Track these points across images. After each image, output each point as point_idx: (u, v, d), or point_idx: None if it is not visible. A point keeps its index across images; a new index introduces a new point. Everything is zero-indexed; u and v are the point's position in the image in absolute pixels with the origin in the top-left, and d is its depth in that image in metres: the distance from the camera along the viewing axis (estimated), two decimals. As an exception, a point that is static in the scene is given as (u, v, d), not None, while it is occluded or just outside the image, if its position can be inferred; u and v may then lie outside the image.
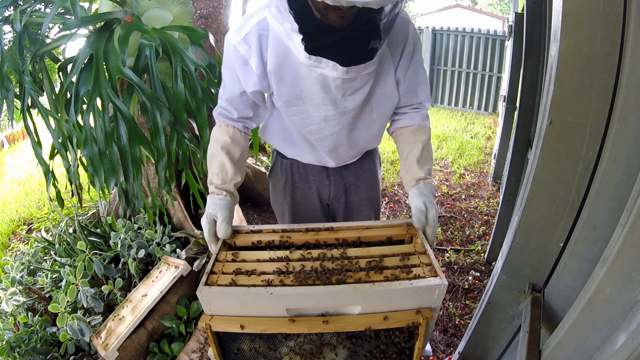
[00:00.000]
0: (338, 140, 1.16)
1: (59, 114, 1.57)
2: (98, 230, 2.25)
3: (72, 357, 1.66)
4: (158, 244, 2.02)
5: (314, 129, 1.12)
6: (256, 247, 1.07)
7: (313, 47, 0.91)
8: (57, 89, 1.71)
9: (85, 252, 1.92)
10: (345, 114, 1.09)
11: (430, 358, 1.77)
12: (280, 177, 1.33)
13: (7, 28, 1.70)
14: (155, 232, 2.04)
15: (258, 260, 0.97)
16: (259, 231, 1.10)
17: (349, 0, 0.72)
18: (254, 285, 0.88)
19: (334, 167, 1.28)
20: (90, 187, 1.79)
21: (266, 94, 1.13)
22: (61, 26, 1.67)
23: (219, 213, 1.02)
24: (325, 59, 0.93)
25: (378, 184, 1.39)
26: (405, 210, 3.16)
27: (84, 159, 1.60)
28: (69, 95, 1.51)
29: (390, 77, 1.08)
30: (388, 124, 1.23)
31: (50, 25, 1.79)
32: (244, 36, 0.99)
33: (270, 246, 1.06)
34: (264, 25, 0.98)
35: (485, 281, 2.27)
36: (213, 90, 1.64)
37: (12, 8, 1.59)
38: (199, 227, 2.18)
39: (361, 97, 1.06)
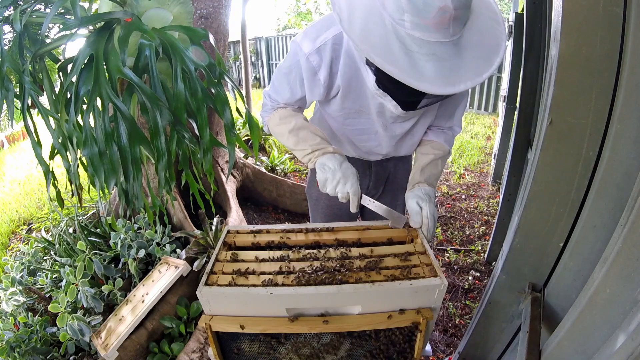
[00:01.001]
0: (382, 150, 1.23)
1: (59, 114, 1.57)
2: (98, 230, 2.25)
3: (72, 357, 1.65)
4: (158, 244, 2.02)
5: (364, 138, 1.19)
6: (256, 247, 1.07)
7: (382, 85, 0.94)
8: (57, 89, 1.70)
9: (85, 252, 1.92)
10: (393, 137, 1.17)
11: (430, 358, 1.76)
12: None
13: (7, 28, 1.70)
14: (155, 232, 2.03)
15: (258, 260, 0.97)
16: (259, 231, 1.10)
17: (452, 92, 0.77)
18: (254, 285, 0.88)
19: (376, 161, 1.33)
20: (90, 187, 1.79)
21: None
22: (61, 26, 1.67)
23: (354, 170, 1.03)
24: (389, 97, 0.96)
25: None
26: (405, 210, 3.16)
27: (84, 159, 1.60)
28: (69, 95, 1.50)
29: (435, 108, 1.13)
30: None
31: (50, 25, 1.79)
32: (318, 47, 0.99)
33: (270, 246, 1.06)
34: (340, 40, 0.99)
35: (485, 281, 2.27)
36: (213, 91, 1.64)
37: (12, 8, 1.59)
38: (199, 227, 2.18)
39: (409, 125, 1.13)
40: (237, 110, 2.09)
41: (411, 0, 0.74)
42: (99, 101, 1.45)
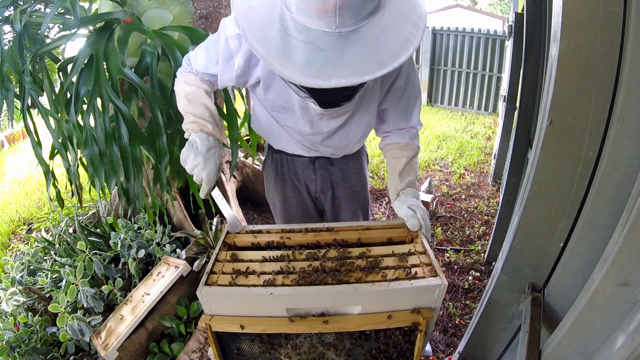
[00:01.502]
0: (314, 145, 1.21)
1: (59, 114, 1.57)
2: (98, 230, 2.25)
3: (72, 357, 1.65)
4: (158, 244, 2.02)
5: (294, 130, 1.16)
6: (256, 247, 1.07)
7: (297, 85, 0.91)
8: (57, 89, 1.70)
9: (85, 252, 1.92)
10: (321, 134, 1.13)
11: (430, 358, 1.76)
12: (271, 170, 1.36)
13: (7, 28, 1.70)
14: (155, 232, 2.03)
15: (258, 260, 0.97)
16: (259, 231, 1.10)
17: (319, 86, 0.72)
18: (254, 285, 0.88)
19: (321, 162, 1.30)
20: (90, 187, 1.79)
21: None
22: (61, 26, 1.67)
23: (217, 160, 1.00)
24: (307, 94, 0.93)
25: (365, 180, 1.41)
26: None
27: (84, 159, 1.60)
28: (69, 95, 1.51)
29: (371, 108, 1.11)
30: (379, 139, 1.26)
31: (50, 25, 1.79)
32: (238, 33, 0.95)
33: (270, 246, 1.07)
34: None
35: (485, 281, 2.27)
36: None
37: (12, 8, 1.59)
38: (199, 227, 2.18)
39: (337, 124, 1.10)
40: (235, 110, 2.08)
41: None
42: (99, 101, 1.45)
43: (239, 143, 1.69)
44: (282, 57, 0.73)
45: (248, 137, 3.87)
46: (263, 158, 1.42)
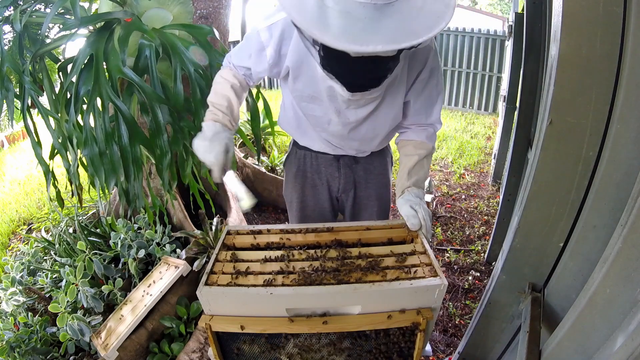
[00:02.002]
0: (341, 139, 1.21)
1: (59, 114, 1.57)
2: (98, 230, 2.25)
3: (72, 357, 1.65)
4: (158, 244, 2.02)
5: (321, 123, 1.18)
6: (256, 247, 1.07)
7: (327, 65, 0.92)
8: (57, 89, 1.70)
9: (85, 252, 1.92)
10: (347, 124, 1.14)
11: (430, 358, 1.76)
12: (293, 165, 1.37)
13: (7, 28, 1.70)
14: (155, 232, 2.03)
15: (258, 260, 0.97)
16: (259, 231, 1.10)
17: (356, 50, 0.74)
18: (254, 285, 0.88)
19: (345, 161, 1.31)
20: (90, 187, 1.79)
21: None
22: (61, 26, 1.67)
23: (230, 147, 1.06)
24: (335, 78, 0.95)
25: (388, 183, 1.41)
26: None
27: (84, 159, 1.60)
28: (69, 95, 1.50)
29: (398, 98, 1.11)
30: (396, 134, 1.27)
31: (50, 25, 1.79)
32: (269, 25, 1.02)
33: (270, 246, 1.06)
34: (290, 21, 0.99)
35: (485, 281, 2.27)
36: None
37: (12, 8, 1.59)
38: (199, 227, 2.18)
39: (363, 113, 1.10)
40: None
41: None
42: (99, 101, 1.45)
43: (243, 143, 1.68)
44: (319, 24, 0.76)
45: (247, 138, 3.87)
46: (264, 159, 1.42)
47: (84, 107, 1.47)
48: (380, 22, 0.75)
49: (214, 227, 2.05)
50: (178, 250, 1.95)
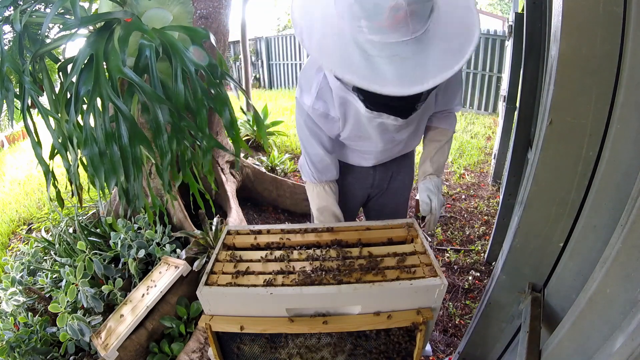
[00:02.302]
0: (385, 154, 1.26)
1: (59, 114, 1.57)
2: (98, 230, 2.25)
3: (72, 357, 1.65)
4: (158, 244, 2.02)
5: (369, 151, 1.22)
6: (256, 247, 1.07)
7: (373, 105, 0.92)
8: (57, 89, 1.70)
9: (85, 252, 1.92)
10: (400, 142, 1.20)
11: (430, 358, 1.76)
12: None
13: (7, 28, 1.70)
14: (155, 232, 2.03)
15: (258, 260, 0.97)
16: (259, 231, 1.10)
17: (421, 90, 0.75)
18: (254, 285, 0.88)
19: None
20: (90, 187, 1.79)
21: None
22: (61, 26, 1.67)
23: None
24: (385, 114, 0.95)
25: (412, 175, 1.46)
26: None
27: (84, 159, 1.60)
28: (69, 95, 1.50)
29: (432, 97, 1.13)
30: None
31: (50, 25, 1.79)
32: (316, 94, 1.03)
33: (270, 246, 1.06)
34: (325, 75, 1.01)
35: (485, 281, 2.27)
36: (213, 91, 1.64)
37: (12, 8, 1.59)
38: (199, 227, 2.18)
39: (414, 126, 1.15)
40: (240, 108, 2.07)
41: (362, 5, 0.72)
42: (99, 101, 1.45)
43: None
44: (376, 78, 0.76)
45: (247, 138, 3.87)
46: (263, 159, 1.43)
47: (84, 107, 1.47)
48: (426, 52, 0.76)
49: (214, 227, 2.05)
50: (178, 250, 1.95)
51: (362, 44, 0.77)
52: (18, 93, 1.59)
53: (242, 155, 3.10)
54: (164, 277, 1.78)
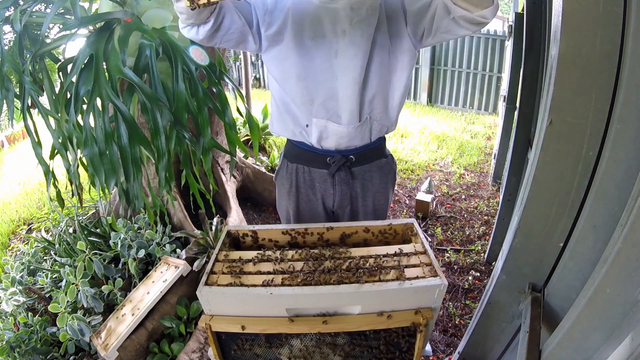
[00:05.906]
0: (345, 93, 1.10)
1: (59, 114, 1.57)
2: (98, 230, 2.25)
3: (72, 357, 1.65)
4: (158, 244, 2.02)
5: (323, 76, 1.09)
6: (256, 247, 1.07)
7: None
8: (57, 89, 1.70)
9: (85, 252, 1.92)
10: (355, 44, 1.06)
11: (430, 358, 1.76)
12: (285, 181, 1.31)
13: (7, 28, 1.70)
14: (155, 232, 2.03)
15: (258, 261, 0.97)
16: (259, 231, 1.10)
17: None
18: (254, 285, 0.88)
19: (341, 176, 1.23)
20: (91, 187, 1.79)
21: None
22: (61, 26, 1.67)
23: None
24: None
25: (388, 199, 1.34)
26: (405, 210, 3.16)
27: (84, 159, 1.60)
28: (69, 95, 1.50)
29: (402, 34, 1.09)
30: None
31: (50, 25, 1.79)
32: None
33: (270, 246, 1.07)
34: None
35: (485, 281, 2.27)
36: (214, 90, 1.64)
37: (12, 8, 1.59)
38: (199, 227, 2.17)
39: (369, 29, 1.06)
40: (237, 110, 2.08)
41: None
42: (99, 101, 1.45)
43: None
44: None
45: (247, 138, 3.87)
46: (263, 159, 1.42)
47: (84, 107, 1.47)
48: None
49: (214, 227, 2.05)
50: (178, 250, 1.95)
51: None
52: (18, 93, 1.59)
53: (242, 155, 3.10)
54: (164, 277, 1.78)
